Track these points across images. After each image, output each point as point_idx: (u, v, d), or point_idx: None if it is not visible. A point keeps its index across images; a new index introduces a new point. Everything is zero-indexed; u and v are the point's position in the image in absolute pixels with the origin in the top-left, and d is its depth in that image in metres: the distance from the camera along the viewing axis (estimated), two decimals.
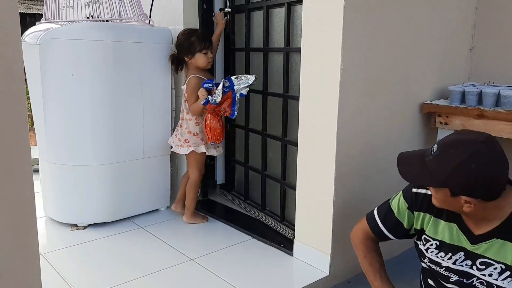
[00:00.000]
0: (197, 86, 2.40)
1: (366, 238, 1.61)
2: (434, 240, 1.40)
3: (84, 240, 2.35)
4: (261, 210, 2.65)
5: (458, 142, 1.22)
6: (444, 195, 1.25)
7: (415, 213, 1.45)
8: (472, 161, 1.17)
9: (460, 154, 1.18)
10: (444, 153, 1.22)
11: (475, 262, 1.30)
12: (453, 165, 1.19)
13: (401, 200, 1.49)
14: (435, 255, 1.39)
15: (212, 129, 2.36)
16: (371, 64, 1.94)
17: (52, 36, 2.27)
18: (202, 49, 2.42)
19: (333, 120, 1.86)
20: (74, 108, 2.34)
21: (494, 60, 2.39)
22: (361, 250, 1.62)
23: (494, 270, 1.26)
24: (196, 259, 2.15)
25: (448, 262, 1.36)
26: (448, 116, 2.15)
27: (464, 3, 2.37)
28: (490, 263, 1.27)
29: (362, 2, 1.84)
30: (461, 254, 1.33)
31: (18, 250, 1.12)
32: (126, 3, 2.56)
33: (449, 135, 1.32)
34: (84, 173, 2.42)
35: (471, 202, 1.21)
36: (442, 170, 1.21)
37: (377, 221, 1.56)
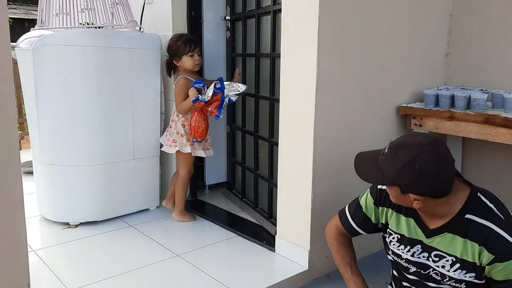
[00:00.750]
0: (184, 86, 2.52)
1: (338, 233, 1.71)
2: (395, 234, 1.50)
3: (76, 238, 2.44)
4: (253, 208, 2.76)
5: (405, 144, 1.32)
6: (396, 193, 1.36)
7: (380, 208, 1.55)
8: (416, 162, 1.27)
9: (406, 155, 1.29)
10: (393, 154, 1.33)
11: (430, 254, 1.40)
12: (400, 165, 1.29)
13: (368, 197, 1.60)
14: (397, 248, 1.49)
15: (196, 126, 2.48)
16: (347, 68, 2.05)
17: (45, 42, 2.37)
18: (188, 52, 2.54)
19: (310, 122, 1.96)
20: (66, 111, 2.44)
21: (468, 65, 2.49)
22: (334, 245, 1.72)
23: (446, 262, 1.36)
24: (182, 255, 2.24)
25: (407, 254, 1.45)
26: (422, 118, 2.25)
27: (440, 11, 2.48)
28: (443, 255, 1.37)
29: (338, 9, 1.94)
30: (419, 247, 1.43)
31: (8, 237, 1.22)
32: (119, 9, 2.67)
33: (400, 137, 1.43)
34: (76, 173, 2.52)
35: (419, 199, 1.31)
36: (391, 169, 1.32)
37: (348, 218, 1.66)
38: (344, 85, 2.05)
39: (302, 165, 2.03)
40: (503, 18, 2.34)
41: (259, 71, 2.60)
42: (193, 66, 2.57)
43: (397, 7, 2.22)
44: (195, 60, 2.57)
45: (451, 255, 1.35)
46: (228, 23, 2.87)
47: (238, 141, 2.98)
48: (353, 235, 1.69)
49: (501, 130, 1.95)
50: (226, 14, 2.88)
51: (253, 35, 2.61)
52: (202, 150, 2.65)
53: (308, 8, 1.90)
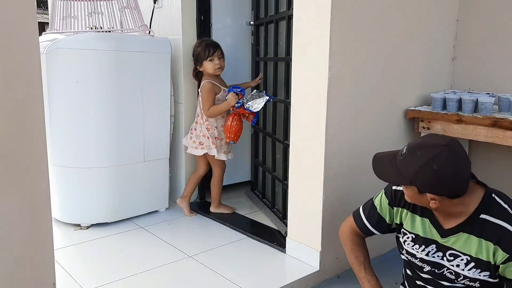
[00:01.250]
0: (210, 90, 2.63)
1: (352, 233, 1.74)
2: (410, 234, 1.53)
3: (88, 239, 2.47)
4: (270, 209, 2.80)
5: (424, 145, 1.35)
6: (413, 192, 1.39)
7: (395, 209, 1.58)
8: (434, 162, 1.30)
9: (424, 156, 1.32)
10: (411, 154, 1.36)
11: (445, 253, 1.43)
12: (418, 166, 1.32)
13: (383, 197, 1.63)
14: (411, 247, 1.52)
15: (235, 130, 2.61)
16: (357, 72, 2.09)
17: (58, 46, 2.40)
18: (207, 57, 2.61)
19: (322, 125, 2.00)
20: (78, 114, 2.48)
21: (474, 69, 2.53)
22: (348, 244, 1.75)
23: (461, 261, 1.39)
24: (194, 256, 2.27)
25: (422, 253, 1.49)
26: (430, 121, 2.29)
27: (446, 16, 2.52)
28: (458, 254, 1.40)
29: (349, 15, 1.99)
30: (433, 246, 1.46)
31: (35, 238, 1.25)
32: (127, 14, 2.71)
33: (419, 138, 1.46)
34: (87, 175, 2.55)
35: (436, 199, 1.34)
36: (409, 169, 1.35)
37: (363, 218, 1.69)
38: (354, 89, 2.09)
39: (314, 166, 2.07)
40: (508, 23, 2.38)
41: (277, 75, 2.67)
42: (213, 70, 2.64)
43: (405, 13, 2.26)
44: (215, 64, 2.63)
45: (466, 254, 1.38)
46: (253, 28, 2.93)
47: (260, 143, 3.06)
48: (367, 235, 1.72)
49: (509, 133, 1.99)
50: (251, 19, 2.94)
51: (272, 39, 2.68)
52: (224, 153, 2.72)
53: (320, 13, 1.94)
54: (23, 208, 1.21)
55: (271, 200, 2.84)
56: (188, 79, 2.86)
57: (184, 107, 2.87)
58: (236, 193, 3.23)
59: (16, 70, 1.14)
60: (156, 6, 2.92)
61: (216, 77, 2.69)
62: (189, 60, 2.81)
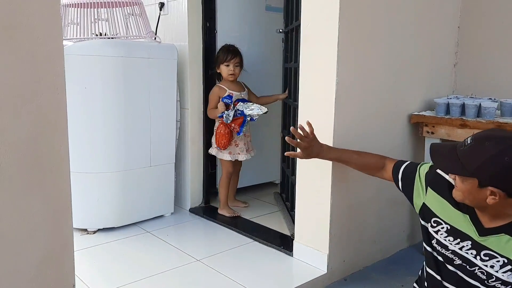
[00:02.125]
0: (215, 94, 2.77)
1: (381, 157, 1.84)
2: (446, 224, 1.48)
3: (95, 244, 2.48)
4: (289, 211, 2.83)
5: (493, 136, 1.30)
6: (471, 186, 1.32)
7: (428, 190, 1.54)
8: (506, 154, 1.24)
9: (494, 147, 1.26)
10: (478, 144, 1.30)
11: (479, 253, 1.39)
12: (487, 156, 1.26)
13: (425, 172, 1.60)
14: (444, 238, 1.47)
15: (220, 136, 2.74)
16: (363, 78, 2.13)
17: (67, 52, 2.39)
18: (224, 61, 2.73)
19: (329, 129, 2.04)
20: (86, 119, 2.50)
21: (476, 74, 2.59)
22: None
23: (496, 262, 1.36)
24: (202, 260, 2.29)
25: (455, 246, 1.44)
26: (434, 126, 2.33)
27: (448, 23, 2.58)
28: (494, 255, 1.36)
29: (356, 22, 2.03)
30: (469, 242, 1.42)
31: (57, 240, 1.27)
32: (132, 21, 2.74)
33: (484, 131, 1.40)
34: (94, 180, 2.56)
35: (497, 194, 1.28)
36: (474, 160, 1.29)
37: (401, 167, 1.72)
38: (360, 94, 2.13)
39: (321, 170, 2.10)
40: (509, 30, 2.44)
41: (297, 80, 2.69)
42: (227, 75, 2.75)
43: (409, 20, 2.31)
44: (229, 70, 2.73)
45: (503, 256, 1.35)
46: (283, 36, 2.97)
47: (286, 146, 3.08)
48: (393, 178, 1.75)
49: None
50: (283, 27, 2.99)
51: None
52: (229, 154, 2.80)
53: (328, 20, 1.98)
54: (46, 210, 1.23)
55: (291, 203, 2.86)
56: (194, 85, 2.89)
57: (189, 113, 2.90)
58: (266, 193, 3.36)
59: (41, 76, 1.17)
60: (162, 13, 2.96)
61: (232, 82, 2.78)
62: (195, 66, 2.87)
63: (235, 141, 2.80)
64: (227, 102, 2.71)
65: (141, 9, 2.76)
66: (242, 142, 2.83)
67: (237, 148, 2.82)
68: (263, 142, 3.27)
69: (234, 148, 2.82)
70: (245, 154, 2.85)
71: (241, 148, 2.83)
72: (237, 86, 2.82)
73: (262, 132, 3.26)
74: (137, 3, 2.73)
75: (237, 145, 2.82)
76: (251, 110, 2.67)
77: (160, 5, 2.95)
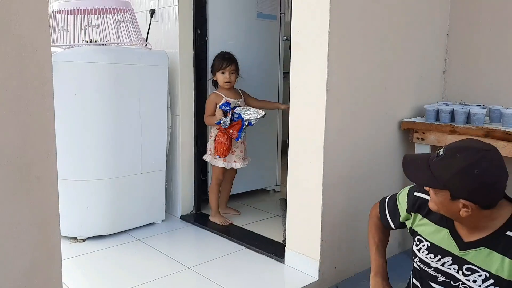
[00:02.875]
0: (212, 101, 2.78)
1: (376, 218, 1.75)
2: (426, 242, 1.48)
3: (85, 252, 2.45)
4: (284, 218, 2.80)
5: (465, 148, 1.28)
6: (443, 198, 1.31)
7: (412, 214, 1.55)
8: (476, 166, 1.23)
9: (465, 159, 1.25)
10: (450, 156, 1.28)
11: (461, 267, 1.38)
12: (458, 168, 1.25)
13: (405, 198, 1.60)
14: (425, 256, 1.48)
15: (219, 144, 2.73)
16: (353, 85, 2.14)
17: (57, 59, 2.41)
18: (220, 69, 2.74)
19: (320, 136, 2.04)
20: (76, 126, 2.48)
21: (465, 81, 2.61)
22: (370, 225, 1.77)
23: (478, 277, 1.33)
24: (193, 267, 2.28)
25: (437, 263, 1.44)
26: (424, 132, 2.35)
27: (437, 30, 2.60)
28: (476, 270, 1.34)
29: (346, 29, 2.04)
30: (449, 258, 1.41)
31: (44, 249, 1.25)
32: (122, 27, 2.73)
33: (456, 142, 1.37)
34: (84, 187, 2.54)
35: (469, 206, 1.26)
36: (445, 173, 1.28)
37: (385, 209, 1.69)
38: (350, 101, 2.14)
39: (312, 176, 2.10)
40: (497, 37, 2.47)
41: None
42: (223, 83, 2.75)
43: (398, 27, 2.33)
44: (225, 77, 2.73)
45: (485, 270, 1.32)
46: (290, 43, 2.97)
47: None
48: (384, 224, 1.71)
49: (501, 143, 2.06)
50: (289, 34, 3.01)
51: None
52: (223, 161, 2.78)
53: (318, 27, 1.99)
54: (33, 218, 1.21)
55: None
56: (185, 92, 2.89)
57: (180, 119, 2.89)
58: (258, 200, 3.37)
59: (29, 82, 1.16)
60: (153, 19, 2.96)
61: (229, 89, 2.79)
62: (186, 72, 2.87)
63: (232, 148, 2.79)
64: (225, 110, 2.70)
65: (132, 15, 2.76)
66: (239, 149, 2.81)
67: (233, 156, 2.81)
68: (255, 148, 3.27)
69: (230, 156, 2.80)
70: (241, 162, 2.83)
71: (238, 155, 2.82)
72: (233, 93, 2.81)
73: (255, 139, 3.26)
74: (128, 9, 2.73)
75: (233, 152, 2.80)
76: (249, 115, 2.66)
77: (151, 12, 2.95)
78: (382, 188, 2.34)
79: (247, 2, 3.15)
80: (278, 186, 3.57)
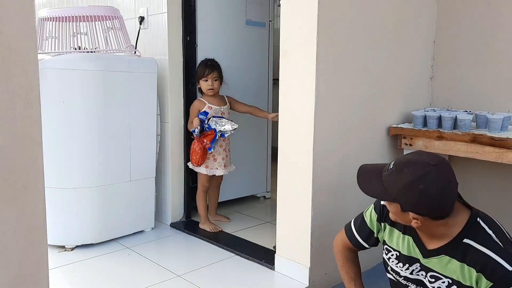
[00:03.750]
0: (195, 108, 2.79)
1: (344, 248, 1.73)
2: (394, 251, 1.52)
3: (73, 261, 2.42)
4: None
5: (412, 163, 1.32)
6: (396, 209, 1.37)
7: (382, 224, 1.59)
8: (420, 182, 1.27)
9: (411, 174, 1.29)
10: (398, 171, 1.33)
11: (427, 274, 1.41)
12: (404, 183, 1.30)
13: (372, 212, 1.64)
14: (395, 265, 1.51)
15: (193, 152, 2.73)
16: (342, 91, 2.16)
17: (45, 66, 2.40)
18: (202, 77, 2.75)
19: (309, 142, 2.05)
20: (64, 134, 2.46)
21: (451, 87, 2.65)
22: (340, 260, 1.75)
23: (442, 283, 1.37)
24: (182, 275, 2.26)
25: (406, 272, 1.47)
26: (412, 138, 2.37)
27: (424, 37, 2.64)
28: (439, 277, 1.38)
29: (334, 36, 2.06)
30: (417, 265, 1.44)
31: (30, 258, 1.24)
32: (111, 34, 2.73)
33: (407, 154, 1.43)
34: (72, 195, 2.52)
35: (418, 219, 1.31)
36: (394, 186, 1.33)
37: (353, 231, 1.68)
38: (339, 107, 2.16)
39: (302, 183, 2.11)
40: (482, 45, 2.51)
41: None
42: (206, 90, 2.77)
43: (386, 35, 2.36)
44: (208, 85, 2.74)
45: (447, 277, 1.36)
46: None
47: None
48: (358, 249, 1.72)
49: (487, 149, 2.08)
50: None
51: None
52: (206, 167, 2.77)
53: (307, 34, 2.01)
54: (19, 227, 1.20)
55: None
56: (174, 99, 2.89)
57: (170, 126, 2.89)
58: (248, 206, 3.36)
59: (15, 90, 1.15)
60: (142, 27, 2.96)
61: (214, 96, 2.80)
62: (175, 79, 2.87)
63: (213, 155, 2.78)
64: (202, 119, 2.71)
65: (121, 23, 2.75)
66: (221, 156, 2.81)
67: (215, 163, 2.81)
68: (245, 155, 3.27)
69: (212, 163, 2.80)
70: (223, 169, 2.83)
71: (219, 162, 2.81)
72: (217, 100, 2.82)
73: (245, 145, 3.27)
74: (117, 17, 2.72)
75: (215, 159, 2.80)
76: (222, 126, 2.68)
77: (140, 19, 2.95)
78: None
79: (236, 10, 3.17)
80: (268, 192, 3.57)
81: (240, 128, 2.76)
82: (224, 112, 2.82)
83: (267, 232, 2.82)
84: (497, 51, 2.45)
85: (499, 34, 2.44)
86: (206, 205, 2.91)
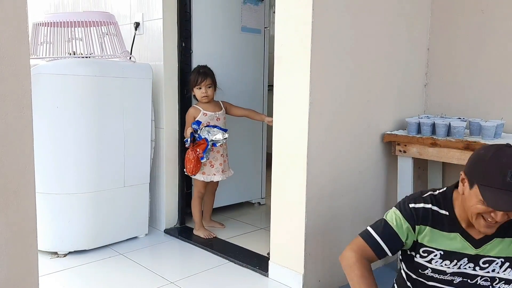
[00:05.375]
0: (190, 115, 2.79)
1: (362, 257, 1.54)
2: (438, 251, 1.49)
3: (66, 267, 2.41)
4: None
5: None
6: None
7: (417, 227, 1.49)
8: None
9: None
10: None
11: (478, 263, 1.46)
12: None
13: (398, 215, 1.52)
14: (440, 264, 1.49)
15: (187, 161, 2.73)
16: (336, 98, 2.16)
17: (40, 71, 2.40)
18: (196, 84, 2.75)
19: (303, 148, 2.05)
20: (58, 139, 2.45)
21: (445, 95, 2.66)
22: (358, 269, 1.52)
23: (496, 265, 1.45)
24: (176, 282, 2.25)
25: (454, 268, 1.48)
26: (406, 145, 2.37)
27: (418, 45, 2.65)
28: (493, 260, 1.45)
29: (328, 43, 2.07)
30: (465, 259, 1.47)
31: (20, 264, 1.23)
32: (107, 40, 2.73)
33: None
34: (66, 201, 2.50)
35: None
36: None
37: (375, 237, 1.54)
38: (333, 114, 2.16)
39: (295, 189, 2.11)
40: (475, 52, 2.53)
41: None
42: (200, 97, 2.77)
43: (380, 42, 2.37)
44: (202, 92, 2.74)
45: (500, 257, 1.45)
46: None
47: None
48: (378, 257, 1.56)
49: None
50: None
51: None
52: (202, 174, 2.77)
53: (301, 41, 2.02)
54: (9, 233, 1.19)
55: None
56: (169, 105, 2.89)
57: (164, 132, 2.88)
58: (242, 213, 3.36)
59: (6, 94, 1.14)
60: (137, 32, 2.96)
61: (209, 104, 2.80)
62: (170, 85, 2.88)
63: (210, 161, 2.78)
64: (195, 128, 2.72)
65: (116, 28, 2.76)
66: (218, 162, 2.81)
67: (212, 169, 2.80)
68: (240, 161, 3.26)
69: (209, 169, 2.80)
70: (221, 175, 2.83)
71: (217, 168, 2.82)
72: (212, 106, 2.82)
73: (240, 151, 3.26)
74: (112, 22, 2.73)
75: (212, 165, 2.80)
76: (214, 136, 2.69)
77: (135, 24, 2.96)
78: (365, 200, 2.36)
79: (232, 16, 3.18)
80: (263, 199, 3.57)
81: (235, 134, 2.77)
82: (220, 117, 2.82)
83: (262, 238, 2.81)
84: (491, 58, 2.47)
85: (492, 42, 2.46)
86: (201, 211, 2.90)
